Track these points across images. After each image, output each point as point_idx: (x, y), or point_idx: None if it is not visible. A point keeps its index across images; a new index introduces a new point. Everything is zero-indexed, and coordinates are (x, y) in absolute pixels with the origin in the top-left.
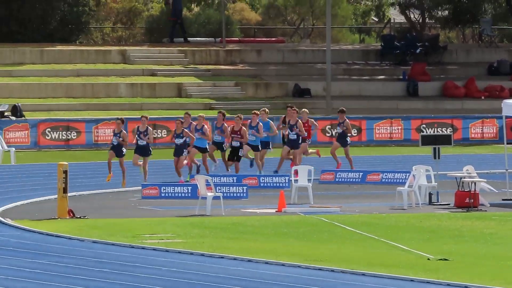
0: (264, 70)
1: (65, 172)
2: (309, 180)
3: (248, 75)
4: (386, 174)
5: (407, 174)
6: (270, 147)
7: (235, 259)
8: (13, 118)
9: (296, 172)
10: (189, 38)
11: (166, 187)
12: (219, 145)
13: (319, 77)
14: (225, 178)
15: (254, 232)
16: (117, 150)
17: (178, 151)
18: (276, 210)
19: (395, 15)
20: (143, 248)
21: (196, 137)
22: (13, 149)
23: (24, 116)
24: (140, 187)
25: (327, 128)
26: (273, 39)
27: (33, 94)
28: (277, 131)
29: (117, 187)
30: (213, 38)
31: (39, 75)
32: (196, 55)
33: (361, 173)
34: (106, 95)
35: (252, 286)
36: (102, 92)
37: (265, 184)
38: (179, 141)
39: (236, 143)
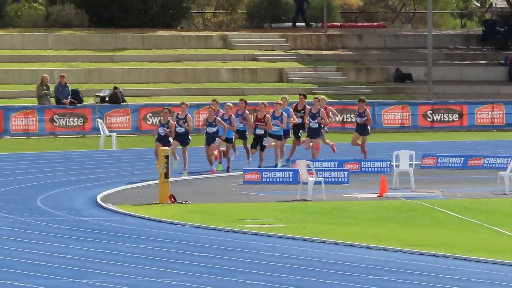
0: (366, 55)
1: (167, 157)
2: (410, 165)
3: (349, 60)
4: (488, 159)
5: (509, 159)
6: (290, 135)
7: (336, 244)
8: (115, 103)
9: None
10: (289, 24)
11: (268, 172)
12: (241, 133)
13: (421, 62)
14: (326, 163)
15: (356, 217)
16: (164, 140)
17: (210, 140)
18: (378, 195)
19: (496, 0)
20: (244, 233)
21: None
22: (115, 134)
23: (125, 101)
24: (241, 172)
25: (428, 113)
26: (374, 24)
27: (135, 79)
28: (296, 119)
29: (218, 172)
30: (314, 23)
31: (140, 60)
32: (298, 40)
33: (462, 158)
34: (207, 80)
35: (353, 271)
36: (203, 77)
37: (367, 169)
38: (212, 129)
39: (260, 131)
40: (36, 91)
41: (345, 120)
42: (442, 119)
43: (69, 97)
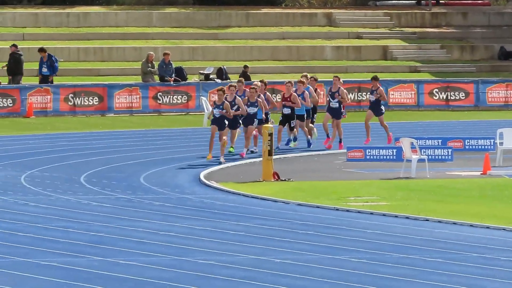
0: (470, 33)
1: (270, 134)
2: None
3: (454, 37)
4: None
5: None
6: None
7: (439, 221)
8: (219, 80)
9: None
10: (393, 1)
11: (371, 150)
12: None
13: None
14: (430, 141)
15: (459, 195)
16: (220, 122)
17: (249, 121)
18: (481, 173)
19: None
20: (347, 210)
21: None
22: None
23: (229, 79)
24: (345, 150)
25: None
26: (479, 1)
27: (239, 57)
28: (317, 98)
29: (322, 149)
30: (418, 1)
31: (244, 38)
32: (402, 18)
33: None
34: (311, 58)
35: (456, 248)
36: (308, 55)
37: (470, 147)
38: (253, 110)
39: (287, 110)
40: (141, 68)
41: (448, 98)
42: None
43: (173, 75)
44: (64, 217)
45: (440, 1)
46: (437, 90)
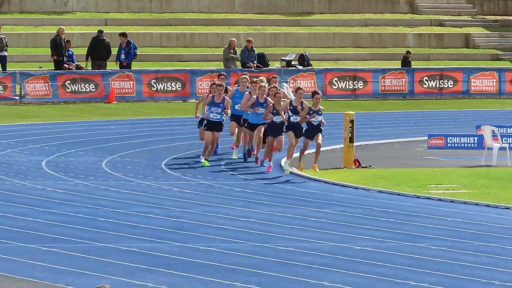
0: None
1: (352, 121)
2: None
3: None
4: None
5: None
6: None
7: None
8: (300, 67)
9: None
10: None
11: (452, 137)
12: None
13: None
14: (511, 129)
15: None
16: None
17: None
18: None
19: None
20: (428, 198)
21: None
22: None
23: (311, 65)
24: (426, 137)
25: None
26: None
27: (321, 44)
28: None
29: (404, 137)
30: None
31: (327, 25)
32: (485, 5)
33: None
34: (394, 45)
35: None
36: (390, 42)
37: None
38: (279, 118)
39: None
40: (223, 54)
41: None
42: None
43: (255, 61)
44: (145, 202)
45: None
46: None
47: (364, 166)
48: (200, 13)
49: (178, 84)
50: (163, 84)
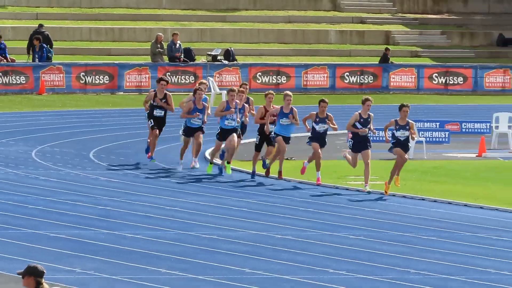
0: (470, 20)
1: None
2: (509, 127)
3: (454, 24)
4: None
5: None
6: None
7: (435, 201)
8: (226, 62)
9: None
10: None
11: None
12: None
13: None
14: (428, 123)
15: (454, 176)
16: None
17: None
18: (476, 155)
19: None
20: (347, 189)
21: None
22: (225, 91)
23: (236, 60)
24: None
25: None
26: None
27: (246, 39)
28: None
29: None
30: None
31: (252, 21)
32: (405, 4)
33: None
34: (316, 41)
35: (451, 227)
36: (312, 39)
37: (467, 130)
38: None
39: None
40: (150, 48)
41: (447, 82)
42: None
43: (181, 55)
44: (73, 191)
45: None
46: (436, 74)
47: (286, 158)
48: (128, 9)
49: (106, 77)
50: (92, 77)
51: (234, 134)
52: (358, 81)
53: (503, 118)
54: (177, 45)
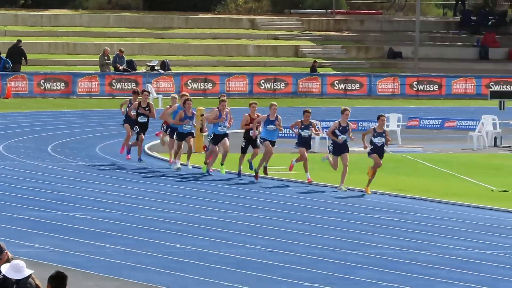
0: (365, 36)
1: (202, 115)
2: (398, 125)
3: (352, 40)
4: (460, 121)
5: (477, 122)
6: None
7: (335, 187)
8: (162, 71)
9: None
10: (304, 10)
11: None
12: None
13: (409, 43)
14: (330, 122)
15: (352, 167)
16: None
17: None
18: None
19: None
20: (263, 177)
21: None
22: (161, 96)
23: (170, 70)
24: None
25: (414, 84)
26: (373, 11)
27: (178, 52)
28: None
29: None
30: (325, 10)
31: (184, 37)
32: (311, 23)
33: (440, 120)
34: (237, 54)
35: (350, 209)
36: (234, 52)
37: (363, 128)
38: (308, 132)
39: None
40: (99, 60)
41: (346, 88)
42: (425, 89)
43: (124, 65)
44: (34, 179)
45: (342, 10)
46: (337, 82)
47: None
48: (81, 27)
49: (62, 84)
50: (50, 83)
51: (226, 139)
52: (272, 88)
53: (393, 118)
54: (122, 57)
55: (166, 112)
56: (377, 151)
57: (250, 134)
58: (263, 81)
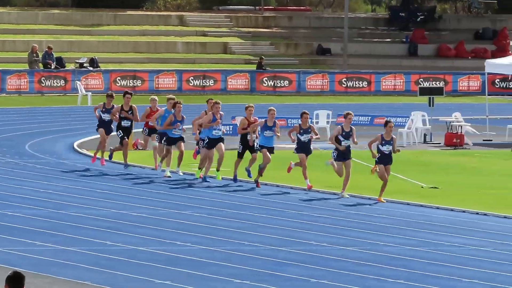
0: (294, 33)
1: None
2: (327, 122)
3: (281, 36)
4: (389, 118)
5: (407, 118)
6: None
7: (266, 184)
8: (91, 68)
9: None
10: (233, 6)
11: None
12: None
13: (338, 39)
14: (260, 119)
15: (283, 163)
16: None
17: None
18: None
19: None
20: (191, 174)
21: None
22: (90, 93)
23: (99, 67)
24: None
25: (343, 80)
26: (302, 7)
27: (107, 50)
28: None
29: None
30: (253, 6)
31: (112, 34)
32: (240, 19)
33: (369, 117)
34: (166, 51)
35: (279, 206)
36: (163, 49)
37: (292, 125)
38: (307, 137)
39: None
40: (28, 57)
41: (275, 85)
42: (354, 86)
43: (54, 63)
44: None
45: (270, 7)
46: (266, 78)
47: (140, 148)
48: (10, 24)
49: None
50: None
51: (221, 143)
52: (201, 84)
53: (322, 114)
54: (51, 54)
55: (153, 116)
56: (385, 159)
57: (248, 139)
58: (192, 78)
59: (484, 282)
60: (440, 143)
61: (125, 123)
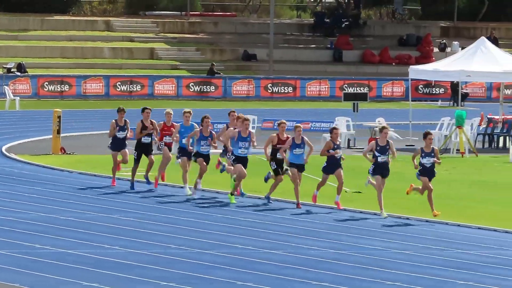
0: (220, 39)
1: (59, 117)
2: (253, 127)
3: (207, 42)
4: (314, 123)
5: (331, 124)
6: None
7: (203, 190)
8: (18, 73)
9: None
10: (159, 12)
11: None
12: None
13: (264, 45)
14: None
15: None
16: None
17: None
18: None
19: None
20: (119, 179)
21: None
22: (18, 98)
23: (27, 72)
24: None
25: (268, 86)
26: (227, 13)
27: (35, 55)
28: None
29: (102, 130)
30: (179, 12)
31: (40, 39)
32: (166, 25)
33: (294, 122)
34: (93, 56)
35: (208, 211)
36: (90, 54)
37: (217, 130)
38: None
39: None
40: None
41: (202, 90)
42: (279, 91)
43: None
44: None
45: (196, 12)
46: (193, 84)
47: (68, 152)
48: None
49: None
50: None
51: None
52: (128, 90)
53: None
54: None
55: (174, 135)
56: (427, 172)
57: (278, 156)
58: (119, 83)
59: (406, 284)
60: (363, 148)
61: (145, 140)
